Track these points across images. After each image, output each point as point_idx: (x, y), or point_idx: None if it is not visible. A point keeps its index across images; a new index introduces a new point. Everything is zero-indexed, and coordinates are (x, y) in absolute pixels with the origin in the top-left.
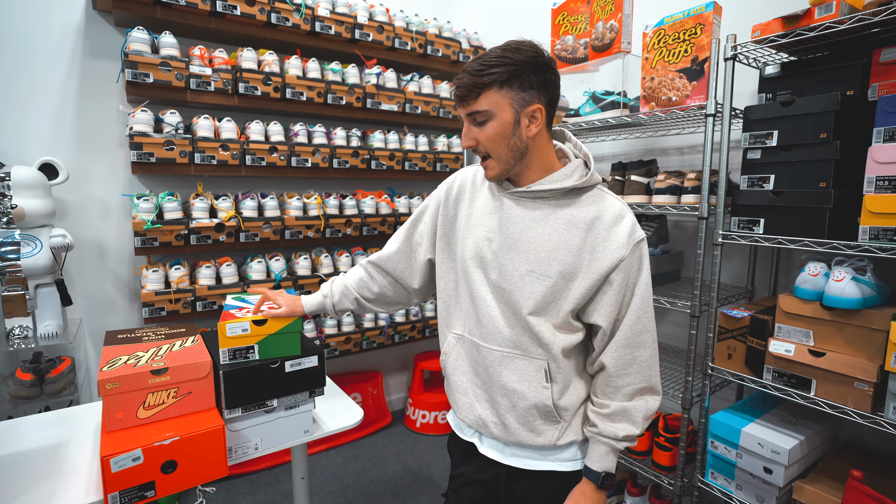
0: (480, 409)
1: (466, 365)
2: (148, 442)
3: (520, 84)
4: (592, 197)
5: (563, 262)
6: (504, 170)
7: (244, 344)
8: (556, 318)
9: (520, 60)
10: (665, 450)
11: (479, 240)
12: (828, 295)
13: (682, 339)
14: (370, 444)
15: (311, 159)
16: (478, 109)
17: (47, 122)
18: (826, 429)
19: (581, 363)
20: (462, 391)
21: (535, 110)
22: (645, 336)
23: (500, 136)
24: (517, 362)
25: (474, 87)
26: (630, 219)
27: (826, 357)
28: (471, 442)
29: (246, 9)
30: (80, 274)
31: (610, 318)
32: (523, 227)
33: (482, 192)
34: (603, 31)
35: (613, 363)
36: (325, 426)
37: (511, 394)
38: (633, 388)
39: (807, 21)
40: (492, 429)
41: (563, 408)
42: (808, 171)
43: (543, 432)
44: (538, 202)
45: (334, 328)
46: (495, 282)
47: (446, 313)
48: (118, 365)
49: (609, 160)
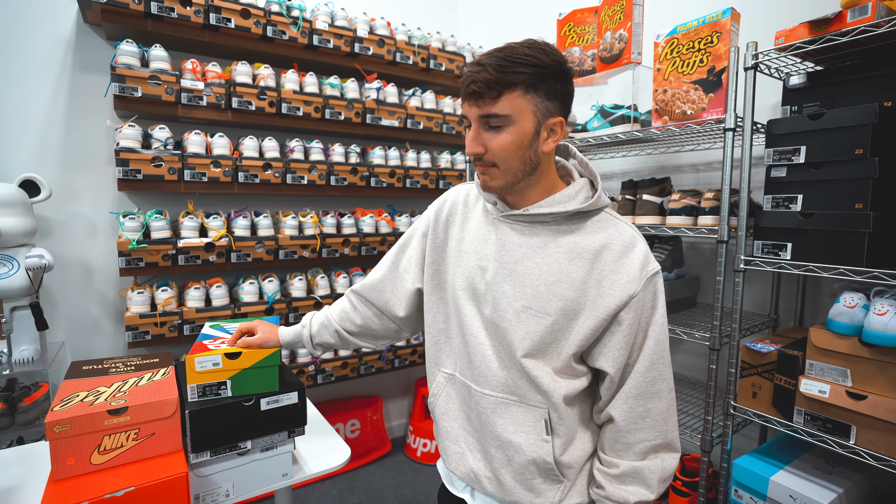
0: (472, 461)
1: (458, 409)
2: (97, 494)
3: (546, 91)
4: (600, 222)
5: (565, 297)
6: (509, 183)
7: (215, 379)
8: (556, 362)
9: (549, 64)
10: (683, 495)
11: (472, 269)
12: (868, 330)
13: (697, 369)
14: (368, 474)
15: (307, 176)
16: (496, 112)
17: (34, 137)
18: (867, 479)
19: (587, 411)
20: (452, 439)
21: (557, 123)
22: (660, 385)
23: (517, 146)
24: (513, 410)
25: (497, 85)
26: (643, 248)
27: (868, 400)
28: (461, 498)
29: (241, 21)
30: (63, 295)
31: (619, 363)
32: (520, 257)
33: (475, 214)
34: (611, 42)
35: (623, 416)
36: (306, 468)
37: (506, 446)
38: (647, 446)
39: (838, 25)
40: (485, 484)
41: (565, 465)
42: (842, 191)
43: (543, 492)
44: (537, 227)
45: (331, 353)
46: (489, 317)
47: (435, 349)
48: (73, 403)
49: (619, 178)
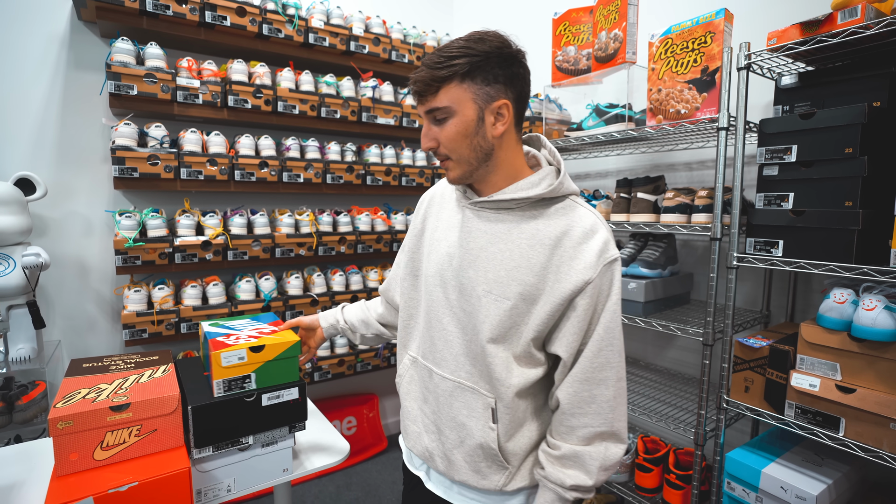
0: (428, 441)
1: (418, 391)
2: (101, 489)
3: (483, 77)
4: (563, 209)
5: (525, 282)
6: (466, 172)
7: (240, 373)
8: (516, 347)
9: (483, 51)
10: (676, 488)
11: (441, 256)
12: (857, 325)
13: (690, 364)
14: (364, 471)
15: (303, 174)
16: (437, 106)
17: (29, 136)
18: (855, 470)
19: (541, 402)
20: (412, 419)
21: (502, 106)
22: (608, 372)
23: (462, 134)
24: (467, 395)
25: (433, 82)
26: (603, 235)
27: (857, 394)
28: (417, 475)
29: (236, 20)
30: (59, 293)
31: (572, 348)
32: (484, 243)
33: (448, 204)
34: (606, 42)
35: (568, 400)
36: (307, 463)
37: (460, 428)
38: (591, 432)
39: (828, 27)
40: (437, 463)
41: (510, 452)
42: (832, 189)
43: (488, 475)
44: (502, 214)
45: (327, 350)
46: (455, 302)
47: (405, 333)
48: (75, 400)
49: (614, 176)
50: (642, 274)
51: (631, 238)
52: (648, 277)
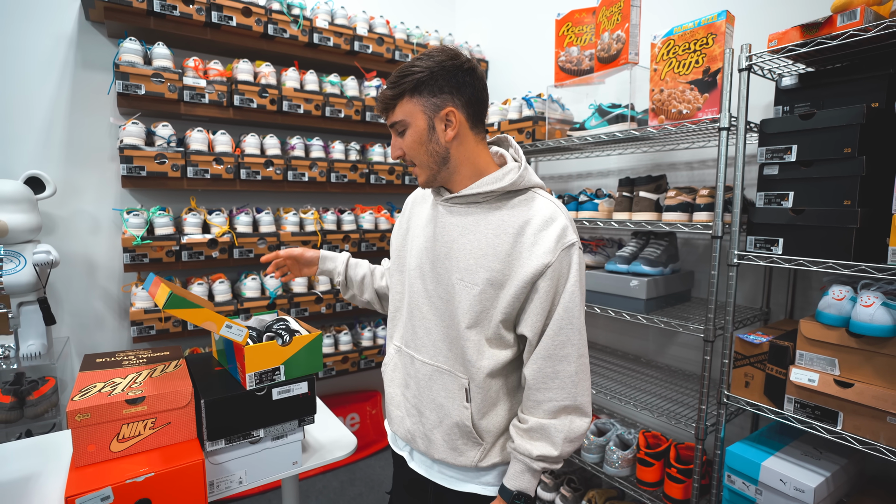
0: (410, 423)
1: (401, 377)
2: (119, 479)
3: (429, 90)
4: (526, 201)
5: (491, 269)
6: (430, 176)
7: (270, 366)
8: (487, 330)
9: (427, 67)
10: (677, 482)
11: (419, 250)
12: (855, 321)
13: (691, 361)
14: (368, 466)
15: (308, 173)
16: (395, 120)
17: (37, 135)
18: (853, 463)
19: (513, 383)
20: (396, 403)
21: (448, 113)
22: (569, 349)
23: (418, 142)
24: (444, 378)
25: (389, 100)
26: (561, 223)
27: (854, 388)
28: (401, 455)
29: (242, 20)
30: (68, 291)
31: (537, 328)
32: (455, 235)
33: (426, 203)
34: (609, 42)
35: (533, 375)
36: (316, 456)
37: (439, 409)
38: (555, 406)
39: (828, 29)
40: (419, 443)
41: (483, 429)
42: (831, 188)
43: (465, 452)
44: (471, 208)
45: (331, 347)
46: (433, 292)
47: (392, 324)
48: (91, 394)
49: (616, 175)
50: (644, 272)
51: (633, 236)
52: (650, 275)
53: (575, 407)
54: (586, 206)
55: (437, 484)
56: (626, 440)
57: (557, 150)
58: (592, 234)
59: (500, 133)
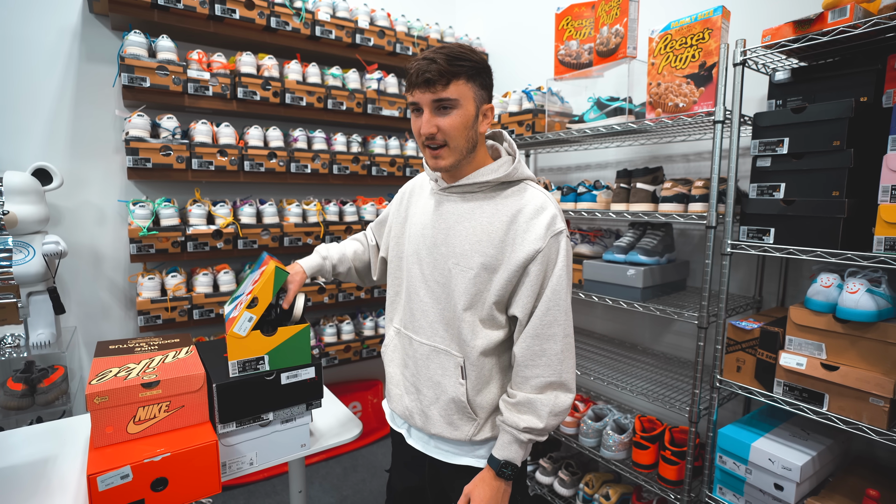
0: (408, 400)
1: (400, 358)
2: (137, 458)
3: (481, 82)
4: (518, 191)
5: (486, 254)
6: (457, 160)
7: (254, 355)
8: (481, 312)
9: (479, 60)
10: (671, 464)
11: (416, 237)
12: (841, 307)
13: (684, 349)
14: (370, 453)
15: (310, 165)
16: (446, 97)
17: (42, 127)
18: (838, 443)
19: (505, 364)
20: (395, 382)
21: (489, 109)
22: (555, 329)
23: (464, 126)
24: (441, 357)
25: (447, 74)
26: (551, 211)
27: (839, 371)
28: (400, 433)
29: (245, 13)
30: (74, 281)
31: (526, 309)
32: (452, 223)
33: (425, 192)
34: (608, 36)
35: (522, 353)
36: (322, 440)
37: (436, 386)
38: (542, 381)
39: (819, 25)
40: (416, 419)
41: (478, 405)
42: (821, 180)
43: (460, 427)
44: (468, 196)
45: (334, 336)
46: (429, 276)
47: (391, 308)
48: (108, 378)
49: (613, 167)
50: (641, 261)
51: (630, 227)
52: (647, 264)
53: (560, 383)
54: (585, 197)
55: (434, 458)
56: (623, 425)
57: (557, 143)
58: (591, 225)
59: (500, 125)
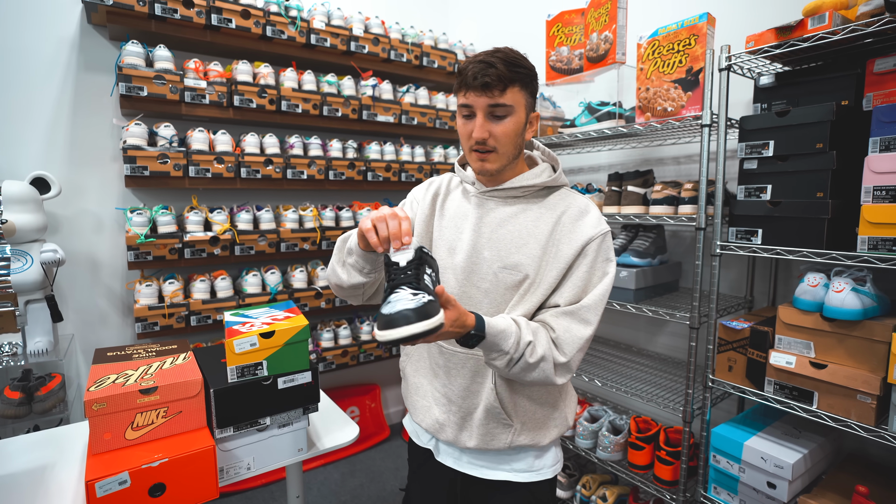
0: (438, 412)
1: (427, 367)
2: (135, 464)
3: (531, 90)
4: (560, 196)
5: (532, 255)
6: (504, 165)
7: (253, 360)
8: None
9: (532, 67)
10: (666, 464)
11: (451, 241)
12: (828, 306)
13: (679, 349)
14: (368, 458)
15: (306, 171)
16: (504, 103)
17: (40, 136)
18: (829, 441)
19: None
20: (421, 394)
21: (535, 117)
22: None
23: (516, 133)
24: (477, 363)
25: (505, 80)
26: (595, 213)
27: (828, 369)
28: (427, 449)
29: (241, 22)
30: (72, 289)
31: (568, 301)
32: (495, 226)
33: (454, 196)
34: (597, 43)
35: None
36: (320, 444)
37: (471, 395)
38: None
39: (800, 32)
40: (448, 432)
41: (511, 411)
42: (806, 181)
43: (497, 436)
44: (509, 201)
45: (331, 341)
46: (464, 281)
47: None
48: (106, 384)
49: (605, 170)
50: (633, 263)
51: (622, 229)
52: (639, 266)
53: (566, 364)
54: None
55: (466, 475)
56: (618, 426)
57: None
58: None
59: None
